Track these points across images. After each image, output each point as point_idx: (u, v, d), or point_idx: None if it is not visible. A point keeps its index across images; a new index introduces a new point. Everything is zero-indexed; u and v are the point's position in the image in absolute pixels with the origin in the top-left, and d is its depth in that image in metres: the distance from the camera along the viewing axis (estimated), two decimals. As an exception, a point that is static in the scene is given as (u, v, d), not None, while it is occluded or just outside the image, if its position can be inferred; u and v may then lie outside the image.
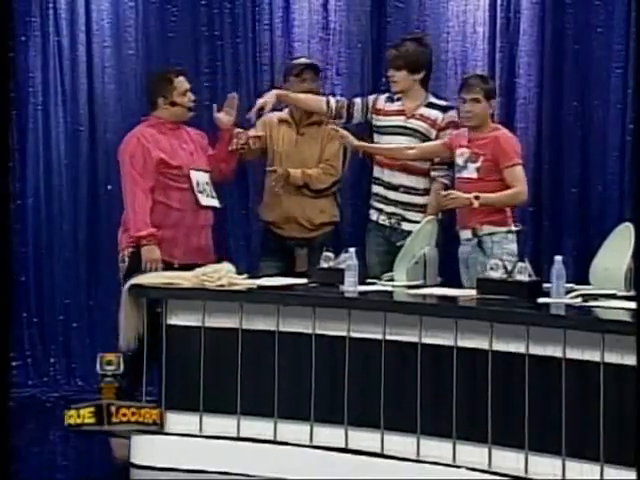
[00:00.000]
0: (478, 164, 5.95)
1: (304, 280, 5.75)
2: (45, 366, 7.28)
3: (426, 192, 6.26)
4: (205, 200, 6.22)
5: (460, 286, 5.79)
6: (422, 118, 6.27)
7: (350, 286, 5.44)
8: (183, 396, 5.56)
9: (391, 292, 5.49)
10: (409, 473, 5.02)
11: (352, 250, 5.53)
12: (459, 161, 6.02)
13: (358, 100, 6.43)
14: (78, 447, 6.12)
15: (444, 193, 5.92)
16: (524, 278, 5.07)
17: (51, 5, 7.25)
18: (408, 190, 6.28)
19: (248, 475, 5.36)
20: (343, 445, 5.24)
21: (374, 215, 6.38)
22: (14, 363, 7.27)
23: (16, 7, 7.25)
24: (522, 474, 4.76)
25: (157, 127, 6.24)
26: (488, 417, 4.86)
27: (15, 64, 7.24)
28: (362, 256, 6.01)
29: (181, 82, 6.28)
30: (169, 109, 6.25)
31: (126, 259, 6.17)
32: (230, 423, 5.48)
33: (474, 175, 5.96)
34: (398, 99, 6.34)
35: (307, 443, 5.33)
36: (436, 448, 5.01)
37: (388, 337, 5.17)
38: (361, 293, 5.40)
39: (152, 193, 6.11)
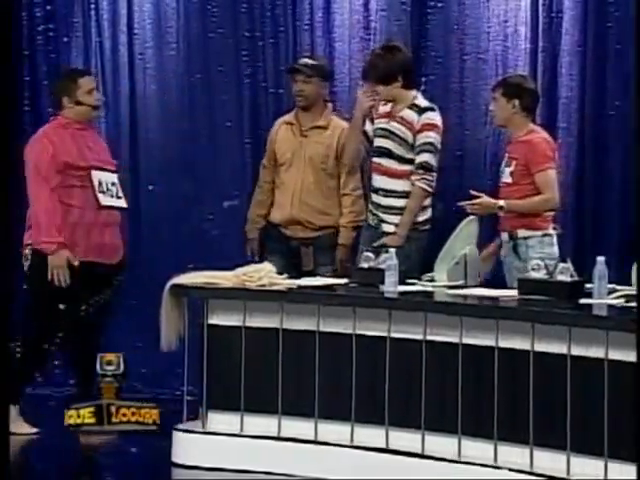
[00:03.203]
0: (512, 168, 5.94)
1: (344, 280, 5.77)
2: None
3: (406, 195, 6.24)
4: (106, 200, 6.22)
5: (501, 286, 5.78)
6: (402, 121, 6.24)
7: (390, 286, 5.44)
8: (224, 396, 5.58)
9: (431, 292, 5.49)
10: (450, 474, 5.01)
11: (392, 250, 5.55)
12: (501, 165, 6.03)
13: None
14: (119, 445, 6.17)
15: (471, 202, 5.88)
16: (566, 278, 5.05)
17: (93, 6, 7.31)
18: (387, 193, 6.27)
19: (289, 475, 5.38)
20: (384, 445, 5.24)
21: (368, 216, 6.39)
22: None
23: (58, 9, 7.33)
24: (564, 475, 4.75)
25: (63, 127, 6.25)
26: (529, 418, 4.85)
27: (57, 64, 7.33)
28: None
29: (86, 81, 6.32)
30: (74, 108, 6.27)
31: (28, 257, 6.18)
32: (271, 423, 5.50)
33: (509, 180, 5.95)
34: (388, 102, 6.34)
35: (347, 443, 5.34)
36: (477, 449, 5.00)
37: (429, 337, 5.17)
38: (401, 293, 5.40)
39: (56, 194, 6.11)
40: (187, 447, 5.60)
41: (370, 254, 5.71)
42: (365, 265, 5.68)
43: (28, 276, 6.20)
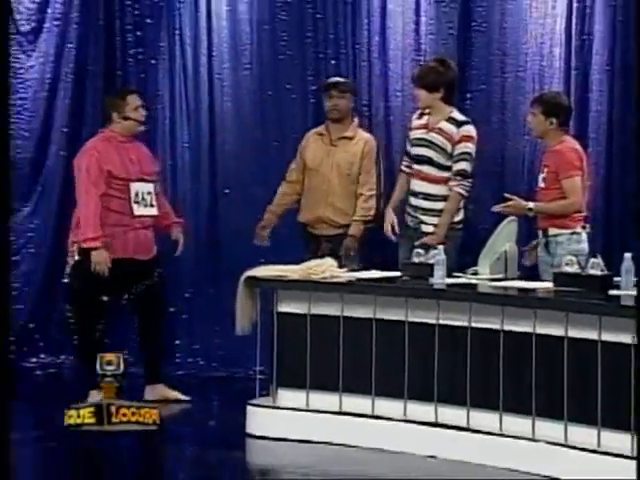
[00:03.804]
0: (544, 175, 5.89)
1: (398, 273, 5.73)
2: (171, 347, 7.34)
3: (444, 199, 6.16)
4: (139, 210, 6.22)
5: (538, 280, 5.71)
6: (441, 132, 6.17)
7: (439, 279, 5.40)
8: (292, 375, 5.57)
9: (476, 284, 5.44)
10: (492, 446, 4.98)
11: (441, 247, 5.51)
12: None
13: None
14: (197, 417, 6.18)
15: (504, 204, 5.81)
16: (597, 272, 4.99)
17: (177, 32, 7.32)
18: (426, 197, 6.21)
19: (349, 445, 5.36)
20: (433, 420, 5.21)
21: (406, 218, 6.32)
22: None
23: (147, 35, 7.36)
24: (595, 447, 4.70)
25: (109, 141, 6.25)
26: (564, 396, 4.81)
27: (146, 84, 7.36)
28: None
29: (133, 99, 6.31)
30: (122, 123, 6.27)
31: (75, 255, 6.19)
32: (333, 399, 5.48)
33: (542, 185, 5.90)
34: (423, 115, 6.25)
35: (401, 418, 5.31)
36: (516, 424, 4.96)
37: (473, 325, 5.13)
38: (449, 285, 5.36)
39: (100, 199, 6.12)
40: (259, 420, 5.60)
41: (421, 250, 5.66)
42: (416, 260, 5.65)
43: (73, 271, 6.21)
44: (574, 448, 4.76)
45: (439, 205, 6.16)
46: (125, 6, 7.37)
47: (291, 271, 5.69)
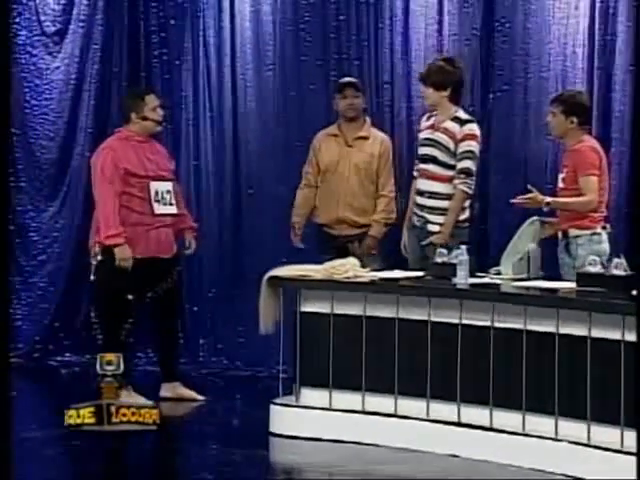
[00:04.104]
0: (563, 175, 5.85)
1: (421, 273, 5.71)
2: (195, 346, 7.36)
3: (448, 197, 6.12)
4: (160, 209, 6.21)
5: (560, 279, 5.68)
6: (445, 131, 6.13)
7: (462, 279, 5.37)
8: (315, 374, 5.56)
9: (498, 284, 5.41)
10: (514, 445, 4.94)
11: (463, 247, 5.47)
12: None
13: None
14: (221, 416, 6.17)
15: (523, 197, 5.78)
16: (620, 273, 4.94)
17: (201, 33, 7.32)
18: (431, 195, 6.17)
19: (372, 444, 5.34)
20: (456, 419, 5.18)
21: (413, 217, 6.28)
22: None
23: (171, 36, 7.36)
24: (619, 447, 4.65)
25: (126, 140, 6.25)
26: (587, 396, 4.78)
27: (170, 84, 7.37)
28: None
29: (151, 99, 6.30)
30: (140, 123, 6.26)
31: (98, 255, 6.16)
32: (356, 398, 5.46)
33: (561, 185, 5.86)
34: (432, 116, 6.22)
35: (424, 417, 5.29)
36: (539, 423, 4.93)
37: (496, 324, 5.10)
38: (472, 285, 5.33)
39: (119, 197, 6.12)
40: (282, 419, 5.59)
41: (444, 250, 5.64)
42: (439, 260, 5.62)
43: (98, 271, 6.18)
44: (597, 448, 4.73)
45: (444, 204, 6.12)
46: (149, 8, 7.38)
47: (314, 271, 5.67)
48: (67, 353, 7.36)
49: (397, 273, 5.76)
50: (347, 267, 5.65)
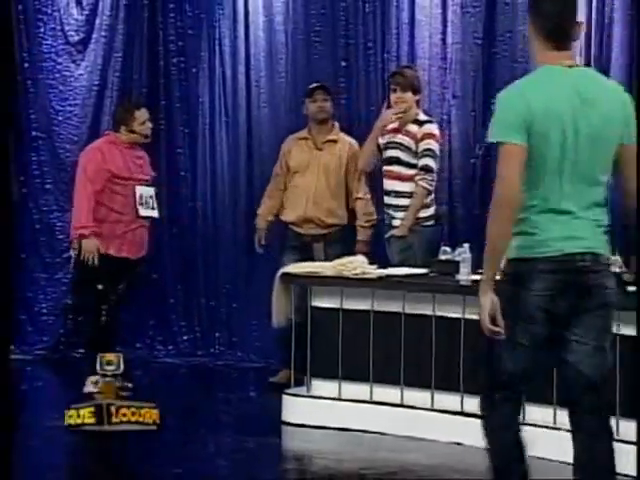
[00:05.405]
0: None
1: (425, 270, 5.70)
2: (211, 339, 7.37)
3: (410, 195, 6.11)
4: (144, 211, 6.22)
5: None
6: (407, 133, 6.15)
7: (464, 275, 5.38)
8: (325, 366, 5.57)
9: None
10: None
11: (466, 245, 5.47)
12: None
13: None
14: (235, 405, 6.18)
15: None
16: (616, 270, 4.91)
17: (217, 42, 7.34)
18: (397, 194, 6.14)
19: (379, 433, 5.35)
20: (459, 409, 5.19)
21: (385, 216, 6.28)
22: (185, 337, 7.38)
23: (188, 45, 7.38)
24: None
25: (114, 143, 6.24)
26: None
27: (187, 91, 7.39)
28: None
29: (141, 113, 6.29)
30: (128, 135, 6.26)
31: (75, 246, 6.15)
32: (364, 389, 5.47)
33: None
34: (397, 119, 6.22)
35: (429, 407, 5.29)
36: (540, 413, 4.92)
37: (497, 319, 5.09)
38: (474, 281, 5.32)
39: (98, 196, 6.10)
40: (294, 408, 5.60)
41: (447, 248, 5.64)
42: (443, 257, 5.62)
43: (75, 261, 6.20)
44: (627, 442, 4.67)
45: (406, 201, 6.11)
46: (168, 18, 7.39)
47: (324, 268, 5.68)
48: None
49: (403, 270, 5.76)
50: (356, 264, 5.65)
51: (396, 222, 6.13)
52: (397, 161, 6.17)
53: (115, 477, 4.80)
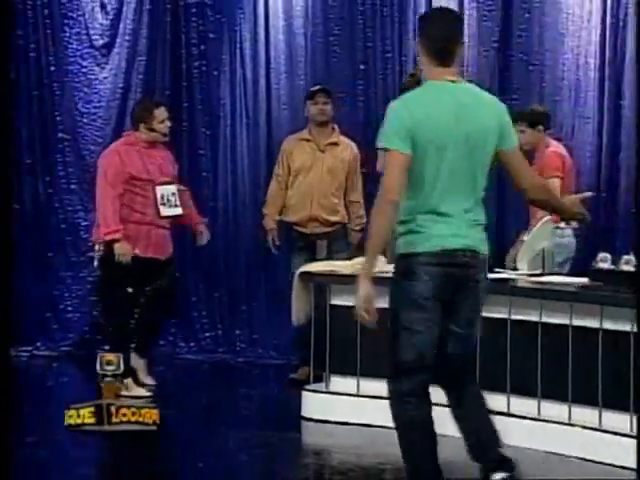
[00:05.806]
0: None
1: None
2: (232, 337, 7.40)
3: None
4: (165, 211, 6.18)
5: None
6: None
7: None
8: (343, 362, 5.58)
9: (515, 279, 5.41)
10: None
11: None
12: None
13: None
14: (256, 401, 6.20)
15: None
16: (630, 268, 4.94)
17: (238, 46, 7.37)
18: None
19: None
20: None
21: None
22: (207, 334, 7.42)
23: (210, 48, 7.41)
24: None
25: (133, 144, 6.22)
26: (598, 383, 4.78)
27: (209, 94, 7.42)
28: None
29: (160, 112, 6.25)
30: (148, 133, 6.23)
31: (100, 249, 6.16)
32: (381, 385, 5.42)
33: None
34: None
35: (444, 402, 5.26)
36: (554, 409, 4.93)
37: (513, 317, 5.11)
38: (490, 280, 5.30)
39: (120, 198, 6.09)
40: (313, 404, 5.63)
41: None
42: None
43: (101, 266, 6.19)
44: (629, 436, 4.70)
45: None
46: (190, 22, 7.43)
47: (342, 267, 5.70)
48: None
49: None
50: (373, 263, 5.65)
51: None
52: None
53: (139, 473, 4.83)
